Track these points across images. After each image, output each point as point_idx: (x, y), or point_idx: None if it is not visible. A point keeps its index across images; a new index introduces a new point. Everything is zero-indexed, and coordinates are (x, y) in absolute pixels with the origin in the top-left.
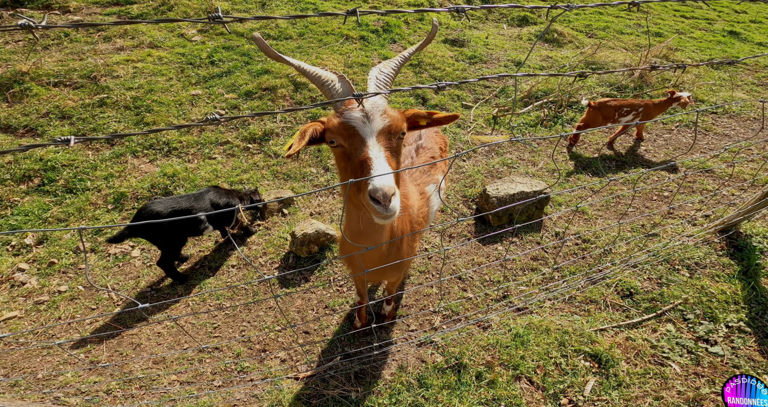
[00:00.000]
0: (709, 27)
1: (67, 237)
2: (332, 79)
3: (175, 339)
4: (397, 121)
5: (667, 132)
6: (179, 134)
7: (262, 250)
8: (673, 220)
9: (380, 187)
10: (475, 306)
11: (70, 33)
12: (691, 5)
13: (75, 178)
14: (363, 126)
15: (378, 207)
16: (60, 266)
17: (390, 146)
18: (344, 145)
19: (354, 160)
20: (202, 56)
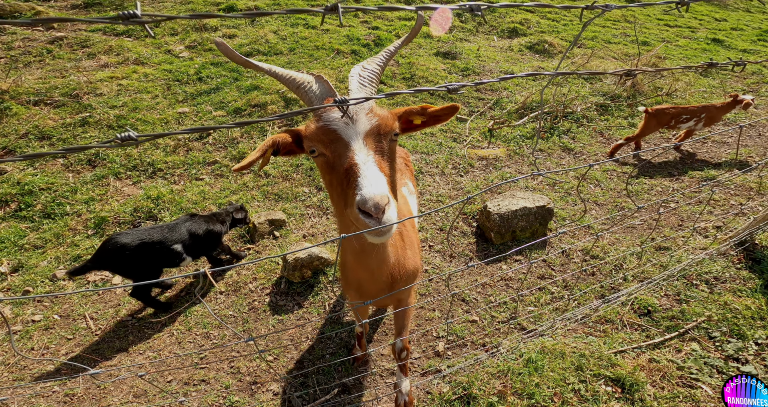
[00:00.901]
0: (692, 35)
1: (43, 265)
2: (308, 80)
3: (158, 370)
4: (387, 120)
5: (665, 141)
6: (165, 154)
7: (252, 275)
8: (683, 232)
9: (370, 197)
10: (482, 329)
11: (52, 49)
12: (673, 14)
13: (53, 203)
14: (346, 128)
15: (370, 221)
16: (35, 294)
17: (380, 149)
18: (326, 153)
19: (338, 169)
20: (189, 72)
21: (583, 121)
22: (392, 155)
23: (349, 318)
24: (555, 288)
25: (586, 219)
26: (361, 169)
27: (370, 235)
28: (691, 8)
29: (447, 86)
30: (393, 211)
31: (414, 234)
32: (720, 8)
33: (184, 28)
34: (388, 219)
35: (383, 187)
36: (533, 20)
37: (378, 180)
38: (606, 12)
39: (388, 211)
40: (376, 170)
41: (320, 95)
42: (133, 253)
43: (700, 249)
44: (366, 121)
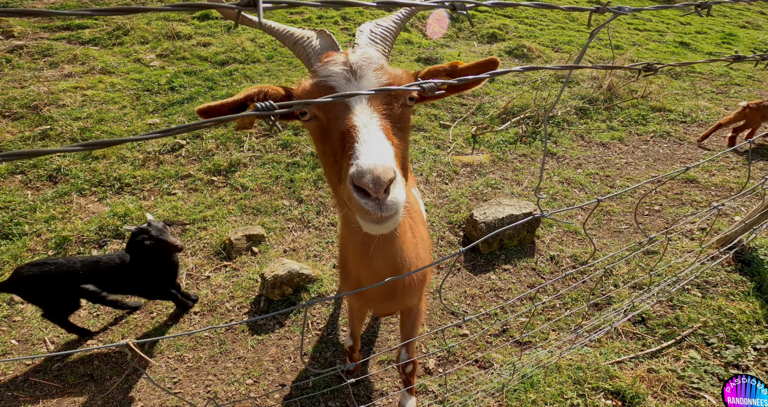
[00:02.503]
0: (661, 39)
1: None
2: (307, 35)
3: (125, 395)
4: (401, 79)
5: (644, 143)
6: (133, 168)
7: (229, 294)
8: (670, 236)
9: (368, 167)
10: (473, 343)
11: (12, 59)
12: (641, 18)
13: (11, 222)
14: (347, 85)
15: (366, 202)
16: None
17: (389, 114)
18: (319, 115)
19: (333, 135)
20: (161, 82)
21: (563, 125)
22: (404, 124)
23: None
24: (547, 298)
25: (574, 225)
26: (360, 133)
27: (366, 222)
28: (658, 12)
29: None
30: (400, 191)
31: (425, 231)
32: (683, 12)
33: (156, 36)
34: (393, 201)
35: (387, 157)
36: (511, 25)
37: (381, 147)
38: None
39: (393, 190)
40: (380, 136)
41: (320, 50)
42: (40, 284)
43: (687, 252)
44: (374, 79)
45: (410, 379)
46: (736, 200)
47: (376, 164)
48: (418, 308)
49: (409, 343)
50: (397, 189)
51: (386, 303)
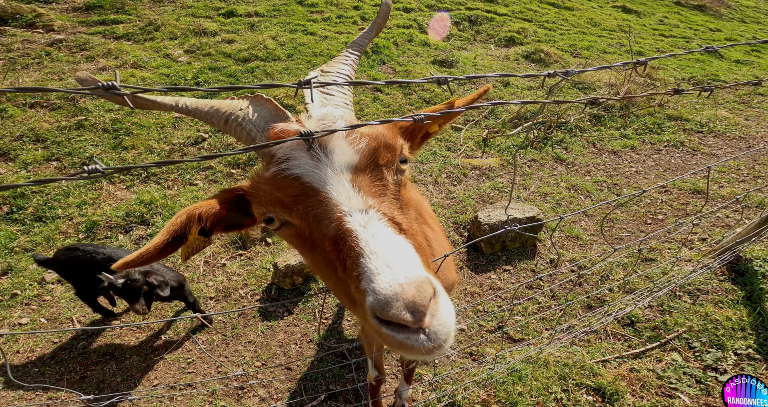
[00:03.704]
0: (687, 45)
1: (32, 268)
2: (241, 106)
3: (143, 375)
4: (384, 138)
5: (656, 152)
6: (159, 159)
7: (242, 281)
8: (669, 244)
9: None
10: (469, 338)
11: (51, 52)
12: (668, 24)
13: (45, 206)
14: (316, 169)
15: (407, 336)
16: (23, 298)
17: (386, 192)
18: (292, 221)
19: (321, 244)
20: (187, 77)
21: (576, 132)
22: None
23: (349, 332)
24: (543, 299)
25: (575, 230)
26: (362, 241)
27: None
28: (687, 18)
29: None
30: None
31: (442, 235)
32: (715, 19)
33: (184, 32)
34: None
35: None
36: (530, 29)
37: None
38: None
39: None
40: (390, 235)
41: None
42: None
43: (685, 260)
44: (348, 149)
45: (411, 373)
46: (740, 212)
47: (404, 285)
48: None
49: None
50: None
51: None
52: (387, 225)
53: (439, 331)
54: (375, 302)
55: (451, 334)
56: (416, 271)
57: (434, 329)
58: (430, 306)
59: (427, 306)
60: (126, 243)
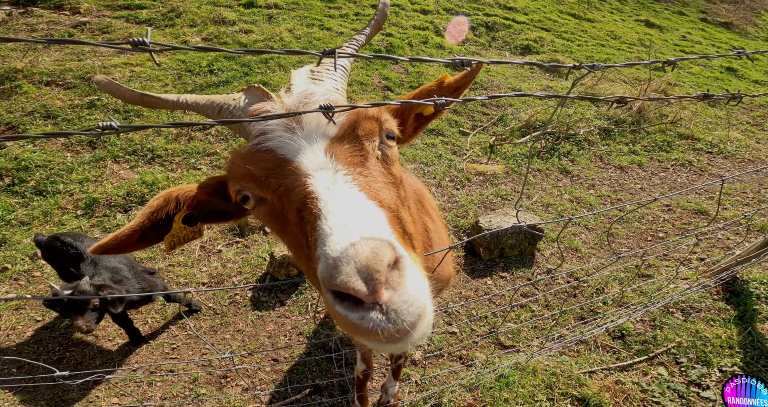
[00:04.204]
0: (707, 62)
1: (26, 242)
2: (234, 97)
3: (124, 357)
4: (366, 111)
5: (663, 170)
6: (166, 142)
7: (237, 269)
8: (667, 262)
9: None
10: (460, 341)
11: (75, 33)
12: (690, 40)
13: (47, 180)
14: (291, 139)
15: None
16: (12, 272)
17: (364, 162)
18: (266, 197)
19: (290, 217)
20: (202, 64)
21: (584, 144)
22: (391, 172)
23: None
24: (536, 307)
25: (575, 242)
26: (322, 200)
27: (375, 344)
28: (711, 36)
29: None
30: (416, 277)
31: (443, 228)
32: (740, 37)
33: (203, 20)
34: (406, 302)
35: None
36: (548, 39)
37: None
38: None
39: (401, 284)
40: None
41: (247, 108)
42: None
43: (681, 279)
44: (325, 121)
45: (399, 370)
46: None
47: (357, 243)
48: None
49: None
50: (410, 278)
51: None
52: (356, 188)
53: (401, 310)
54: (323, 269)
55: (424, 319)
56: (376, 232)
57: (395, 307)
58: (391, 277)
59: (384, 273)
60: (123, 222)
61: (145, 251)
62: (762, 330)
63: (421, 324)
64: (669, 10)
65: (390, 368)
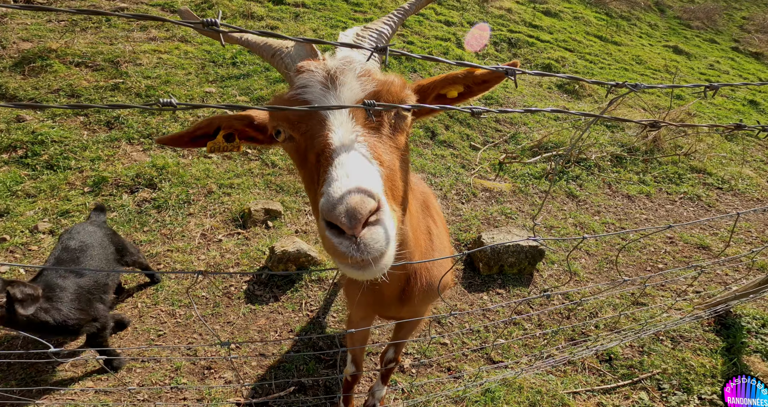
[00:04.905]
0: (731, 93)
1: (28, 215)
2: (287, 45)
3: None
4: (392, 86)
5: (670, 203)
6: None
7: (235, 260)
8: (663, 292)
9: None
10: (450, 352)
11: (111, 18)
12: (718, 69)
13: (60, 155)
14: (324, 95)
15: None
16: (10, 244)
17: (378, 127)
18: (294, 136)
19: (310, 158)
20: (225, 56)
21: (594, 170)
22: (399, 139)
23: (331, 328)
24: (528, 325)
25: (574, 266)
26: (335, 153)
27: (344, 267)
28: (739, 65)
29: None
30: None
31: (446, 234)
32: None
33: (233, 13)
34: (375, 238)
35: (369, 180)
36: (570, 59)
37: (361, 169)
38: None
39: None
40: (361, 154)
41: (296, 59)
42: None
43: (675, 309)
44: (357, 87)
45: (388, 374)
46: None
47: (351, 190)
48: (423, 315)
49: (399, 344)
50: (384, 223)
51: (399, 307)
52: (364, 147)
53: (369, 244)
54: (324, 203)
55: (386, 255)
56: (368, 184)
57: (365, 241)
58: (369, 219)
59: (365, 216)
60: (128, 203)
61: (145, 234)
62: (747, 362)
63: (382, 260)
64: (700, 37)
65: (379, 372)
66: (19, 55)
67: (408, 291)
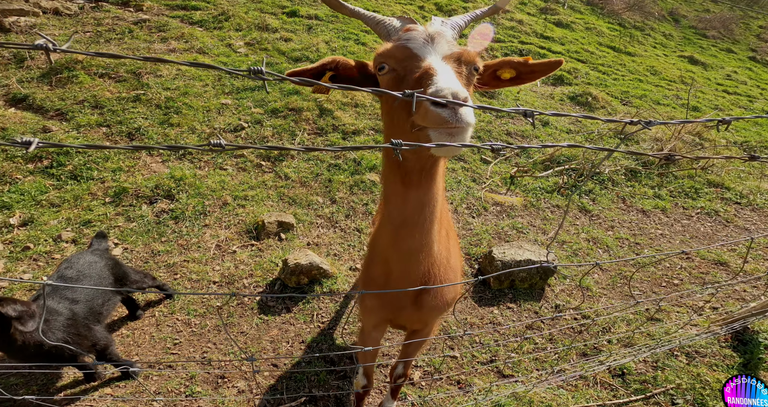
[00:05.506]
0: (749, 105)
1: (52, 224)
2: (387, 19)
3: (126, 348)
4: (470, 53)
5: (686, 218)
6: (198, 140)
7: (249, 271)
8: (679, 308)
9: (447, 85)
10: (460, 366)
11: (134, 30)
12: (735, 80)
13: (84, 166)
14: (424, 46)
15: (443, 111)
16: (33, 252)
17: (459, 72)
18: (397, 69)
19: (408, 80)
20: (241, 68)
21: (608, 184)
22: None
23: (341, 340)
24: (540, 340)
25: (587, 281)
26: (438, 71)
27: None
28: (757, 76)
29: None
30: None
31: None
32: None
33: (249, 25)
34: (467, 114)
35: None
36: (582, 71)
37: (457, 81)
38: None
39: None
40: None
41: (400, 26)
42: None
43: (691, 325)
44: (446, 46)
45: (398, 390)
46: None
47: (452, 85)
48: (431, 330)
49: (408, 361)
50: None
51: (410, 310)
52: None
53: (464, 116)
54: (434, 89)
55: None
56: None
57: (461, 113)
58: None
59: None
60: (148, 214)
61: (163, 244)
62: (764, 378)
63: (468, 130)
64: (717, 47)
65: (390, 387)
66: (47, 66)
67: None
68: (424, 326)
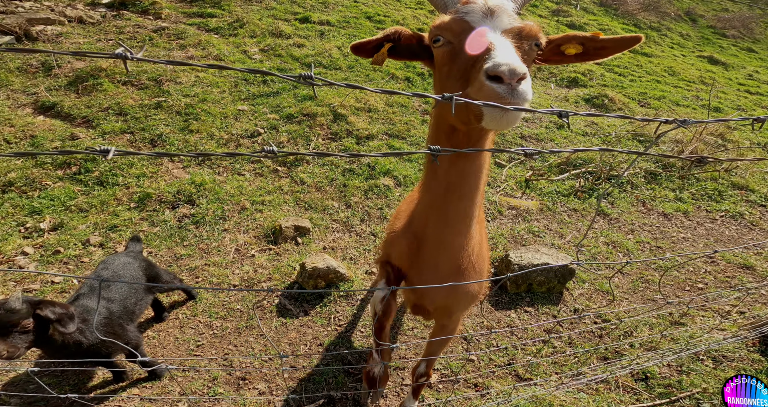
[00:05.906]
0: None
1: (81, 228)
2: None
3: (151, 350)
4: (532, 27)
5: (710, 221)
6: (217, 146)
7: (267, 275)
8: (704, 312)
9: (505, 61)
10: (477, 369)
11: (154, 37)
12: (758, 79)
13: (110, 172)
14: (483, 19)
15: (499, 86)
16: (64, 256)
17: (520, 47)
18: (453, 42)
19: (464, 56)
20: (256, 74)
21: (626, 187)
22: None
23: (359, 343)
24: (558, 344)
25: (606, 285)
26: (497, 46)
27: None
28: None
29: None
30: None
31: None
32: None
33: (263, 31)
34: (525, 90)
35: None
36: (597, 72)
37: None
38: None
39: (523, 84)
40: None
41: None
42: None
43: (717, 329)
44: (506, 20)
45: (420, 389)
46: None
47: (511, 60)
48: (455, 326)
49: (431, 360)
50: (528, 85)
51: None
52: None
53: (521, 92)
54: (492, 64)
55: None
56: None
57: (518, 88)
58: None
59: (519, 76)
60: (170, 218)
61: (184, 248)
62: None
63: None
64: (737, 47)
65: (410, 386)
66: (74, 74)
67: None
68: (446, 320)
